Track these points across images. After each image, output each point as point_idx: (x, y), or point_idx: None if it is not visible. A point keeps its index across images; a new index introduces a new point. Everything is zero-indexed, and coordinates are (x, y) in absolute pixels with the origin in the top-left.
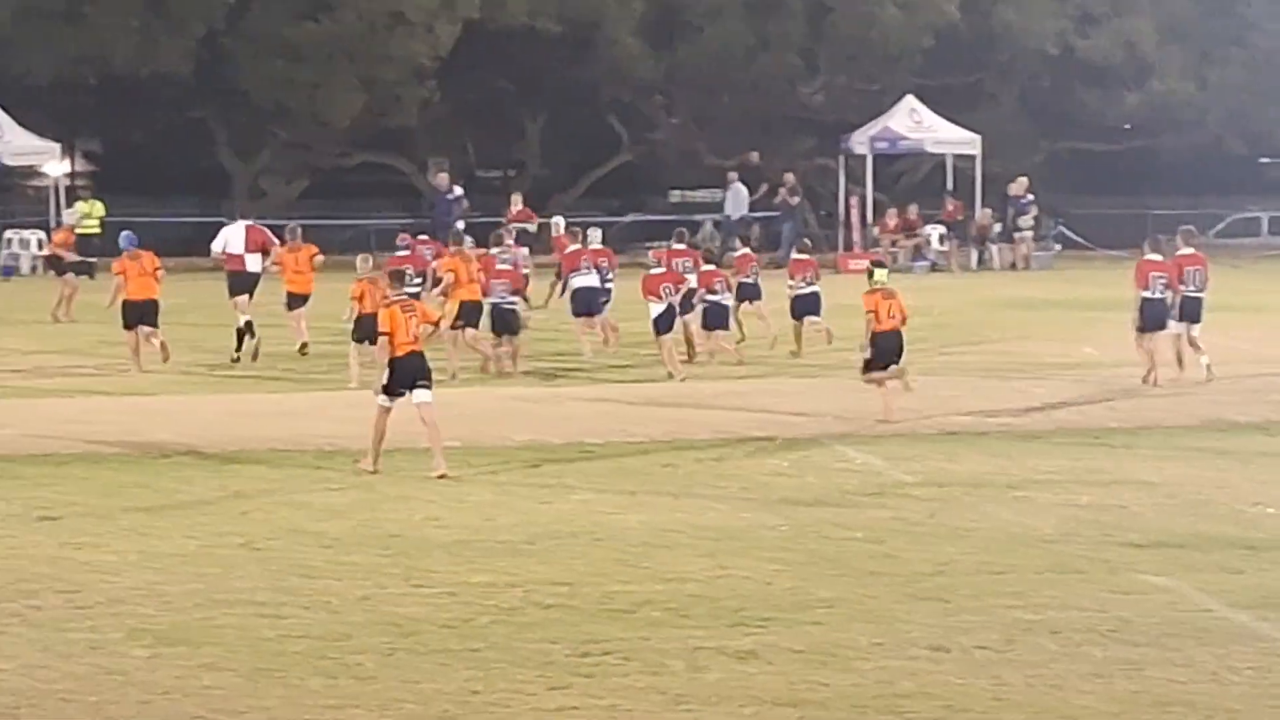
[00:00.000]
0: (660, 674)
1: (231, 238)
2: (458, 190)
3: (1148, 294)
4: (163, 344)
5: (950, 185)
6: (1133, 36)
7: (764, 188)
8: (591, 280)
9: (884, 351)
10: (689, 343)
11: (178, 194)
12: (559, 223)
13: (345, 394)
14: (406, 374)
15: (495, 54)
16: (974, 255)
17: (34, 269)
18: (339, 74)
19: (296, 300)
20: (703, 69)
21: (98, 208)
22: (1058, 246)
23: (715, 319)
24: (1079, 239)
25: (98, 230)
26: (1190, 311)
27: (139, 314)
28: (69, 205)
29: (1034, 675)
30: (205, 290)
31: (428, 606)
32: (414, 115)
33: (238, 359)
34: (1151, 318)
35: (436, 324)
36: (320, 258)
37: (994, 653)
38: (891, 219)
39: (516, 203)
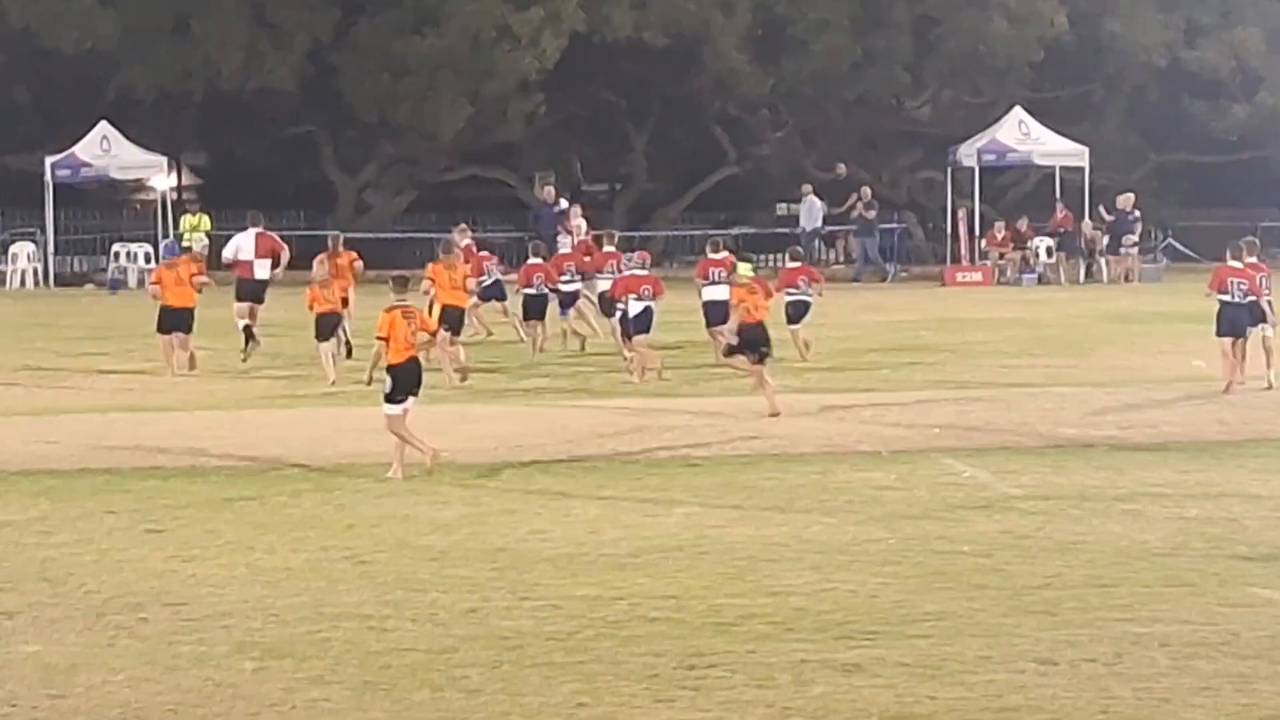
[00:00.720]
0: (766, 687)
1: (243, 245)
2: (563, 203)
3: (1225, 298)
4: (191, 355)
5: (1058, 197)
6: (1241, 48)
7: (853, 199)
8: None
9: (749, 342)
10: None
11: (284, 208)
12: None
13: (452, 408)
14: (408, 380)
15: (601, 67)
16: (1081, 268)
17: (141, 283)
18: (445, 88)
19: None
20: (808, 83)
21: (204, 222)
22: (1165, 260)
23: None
24: (1187, 252)
25: (205, 245)
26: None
27: (173, 321)
28: (176, 219)
29: (1142, 689)
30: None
31: (533, 620)
32: (520, 129)
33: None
34: (1228, 322)
35: (434, 333)
36: (360, 264)
37: (1102, 666)
38: (999, 231)
39: (575, 214)
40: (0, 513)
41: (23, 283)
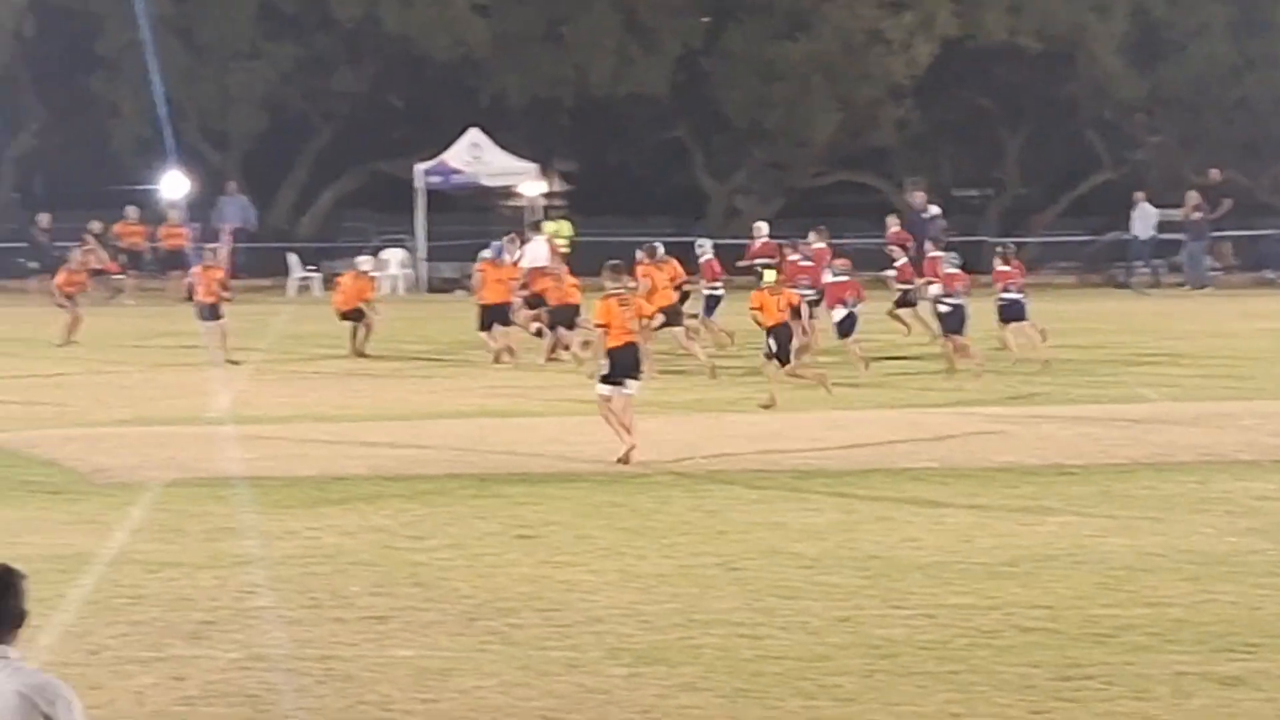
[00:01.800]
0: (1144, 699)
1: (538, 254)
2: (934, 209)
3: None
4: (509, 348)
5: None
6: None
7: (1226, 204)
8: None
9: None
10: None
11: (653, 214)
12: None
13: (823, 415)
14: (625, 363)
15: (974, 72)
16: None
17: None
18: (816, 93)
19: (494, 312)
20: (1186, 88)
21: (565, 227)
22: None
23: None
24: None
25: (567, 250)
26: None
27: (492, 317)
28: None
29: None
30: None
31: (907, 628)
32: (891, 133)
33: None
34: None
35: (651, 316)
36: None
37: None
38: None
39: (893, 224)
40: (374, 517)
41: (394, 289)
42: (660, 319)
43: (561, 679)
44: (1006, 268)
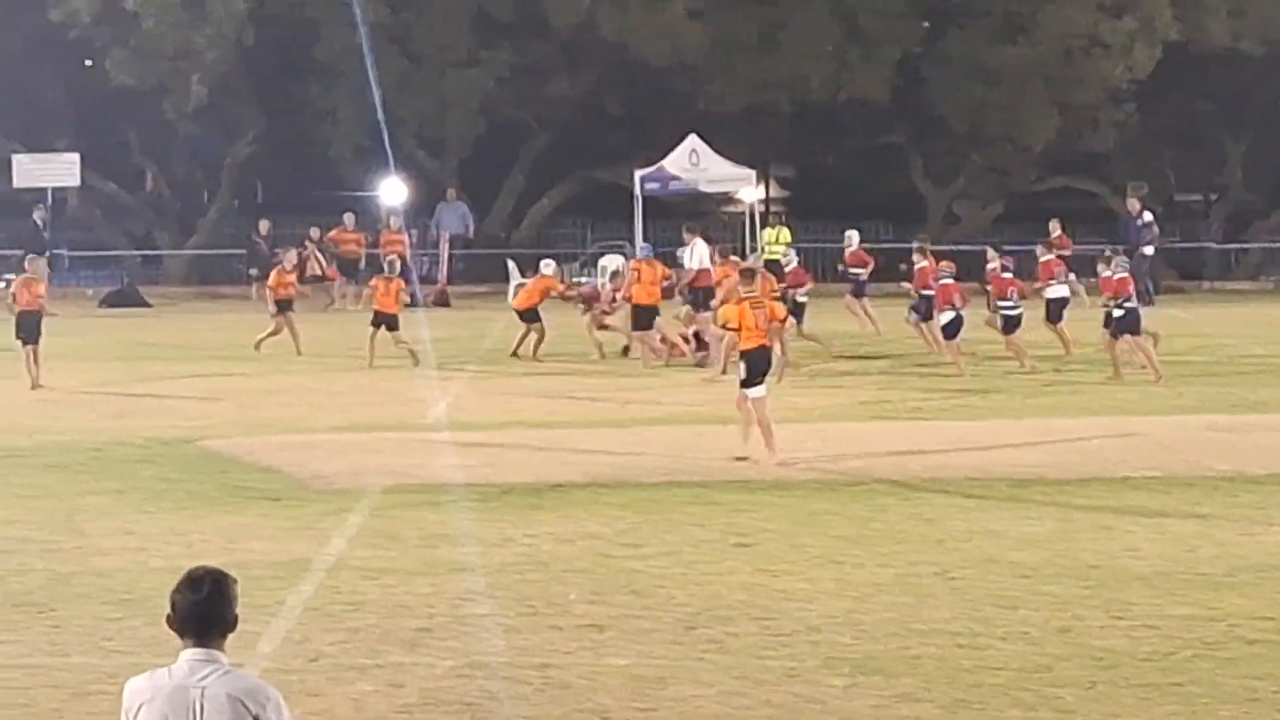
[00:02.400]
0: None
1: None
2: (1147, 216)
3: None
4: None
5: None
6: None
7: None
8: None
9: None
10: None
11: (871, 219)
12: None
13: (1039, 422)
14: (759, 366)
15: (1195, 76)
16: None
17: None
18: (1034, 97)
19: (646, 314)
20: None
21: (783, 233)
22: None
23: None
24: None
25: (786, 256)
26: None
27: (647, 318)
28: (761, 230)
29: None
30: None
31: (1128, 639)
32: (1110, 138)
33: None
34: None
35: (784, 320)
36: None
37: None
38: None
39: (1055, 228)
40: (589, 524)
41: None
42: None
43: (778, 688)
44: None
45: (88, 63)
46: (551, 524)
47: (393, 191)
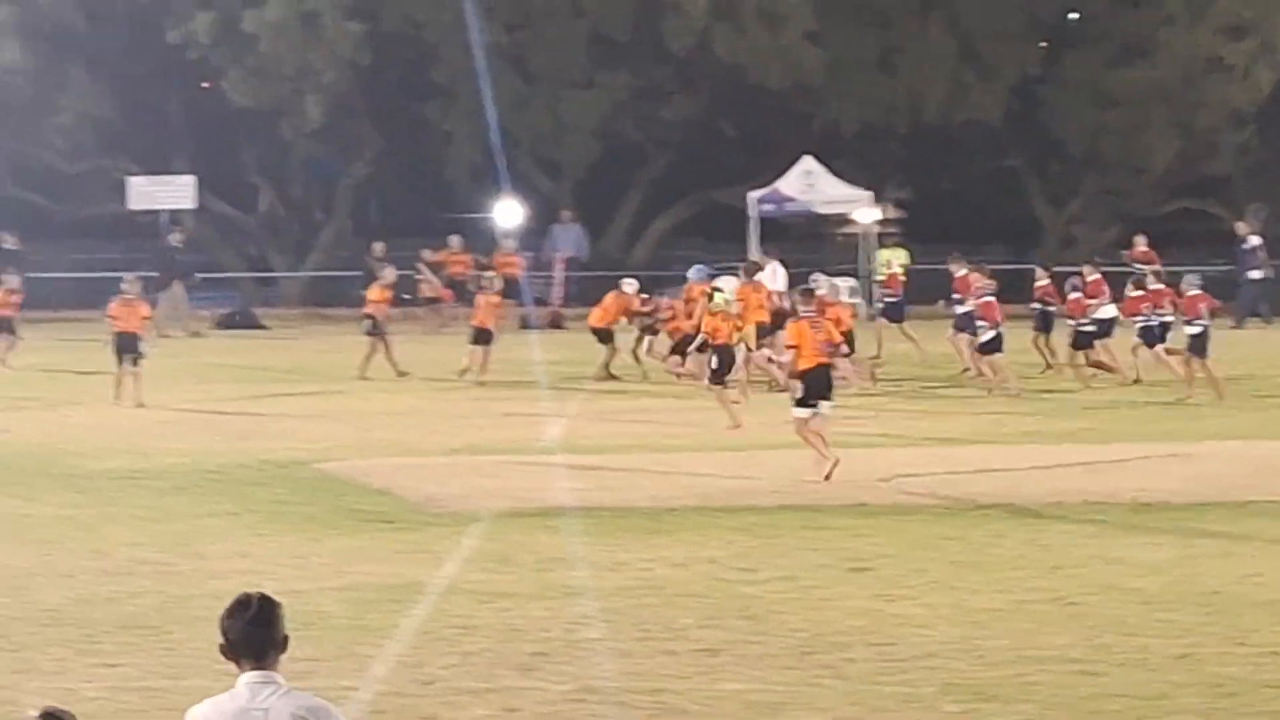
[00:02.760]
0: None
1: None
2: (1254, 240)
3: None
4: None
5: None
6: None
7: None
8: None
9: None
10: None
11: (987, 242)
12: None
13: (1159, 446)
14: (817, 385)
15: None
16: None
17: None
18: (1154, 120)
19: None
20: None
21: (900, 255)
22: None
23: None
24: None
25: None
26: None
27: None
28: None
29: None
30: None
31: (1249, 666)
32: (1231, 161)
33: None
34: None
35: (839, 344)
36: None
37: None
38: None
39: (1140, 242)
40: (704, 548)
41: None
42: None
43: (895, 715)
44: (1139, 292)
45: (204, 84)
46: (666, 548)
47: (507, 213)
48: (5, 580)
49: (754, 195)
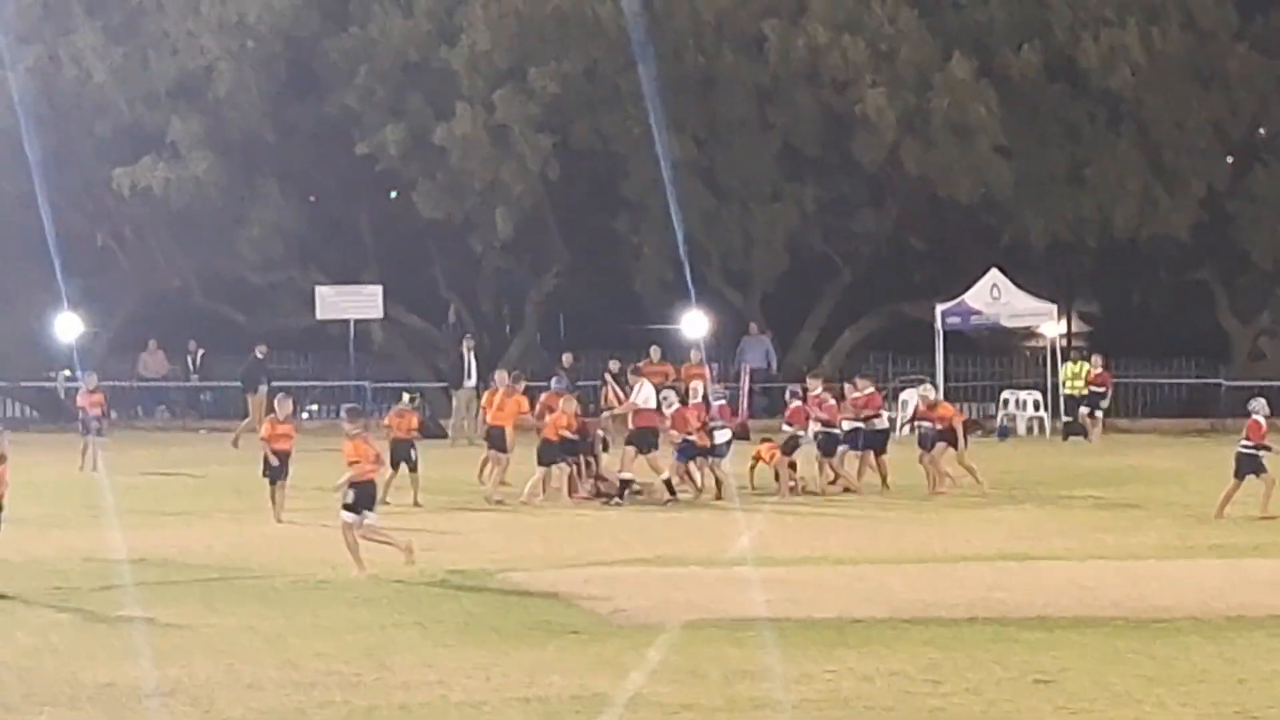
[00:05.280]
0: None
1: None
2: None
3: None
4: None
5: None
6: None
7: None
8: None
9: None
10: None
11: (1175, 356)
12: None
13: None
14: None
15: None
16: None
17: (1030, 430)
18: None
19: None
20: None
21: (1085, 369)
22: None
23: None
24: None
25: (1084, 392)
26: None
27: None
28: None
29: None
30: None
31: None
32: None
33: None
34: None
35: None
36: None
37: None
38: None
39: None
40: (891, 661)
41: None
42: None
43: None
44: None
45: (393, 194)
46: (853, 660)
47: (695, 324)
48: (190, 691)
49: (940, 308)
